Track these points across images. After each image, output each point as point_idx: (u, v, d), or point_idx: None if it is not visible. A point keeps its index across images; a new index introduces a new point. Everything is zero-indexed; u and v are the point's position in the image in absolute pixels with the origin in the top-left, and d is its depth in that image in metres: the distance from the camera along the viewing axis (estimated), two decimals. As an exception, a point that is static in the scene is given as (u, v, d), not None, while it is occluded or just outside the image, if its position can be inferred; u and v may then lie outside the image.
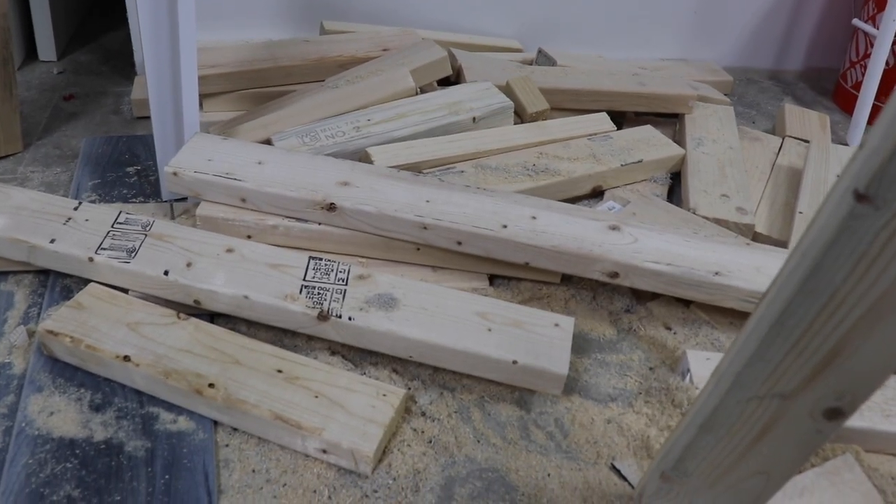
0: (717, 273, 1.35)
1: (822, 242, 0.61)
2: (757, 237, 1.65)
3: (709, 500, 0.90)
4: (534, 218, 1.41)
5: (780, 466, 0.80)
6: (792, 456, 0.79)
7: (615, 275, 1.36)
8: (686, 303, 1.47)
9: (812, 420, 0.73)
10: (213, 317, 1.31)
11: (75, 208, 1.38)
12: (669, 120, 2.11)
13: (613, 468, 1.15)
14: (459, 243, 1.39)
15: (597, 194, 1.77)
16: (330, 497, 1.06)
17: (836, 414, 0.71)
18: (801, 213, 1.66)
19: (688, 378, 1.28)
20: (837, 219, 0.59)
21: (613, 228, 1.41)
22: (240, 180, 1.41)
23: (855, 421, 1.17)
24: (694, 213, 1.64)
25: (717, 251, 1.40)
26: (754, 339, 0.71)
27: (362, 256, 1.46)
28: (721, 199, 1.69)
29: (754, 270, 1.37)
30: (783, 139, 2.06)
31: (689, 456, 0.87)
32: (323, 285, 1.27)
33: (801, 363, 0.69)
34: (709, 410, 0.81)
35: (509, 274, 1.48)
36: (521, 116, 1.88)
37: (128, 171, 1.72)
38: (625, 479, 1.13)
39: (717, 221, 1.62)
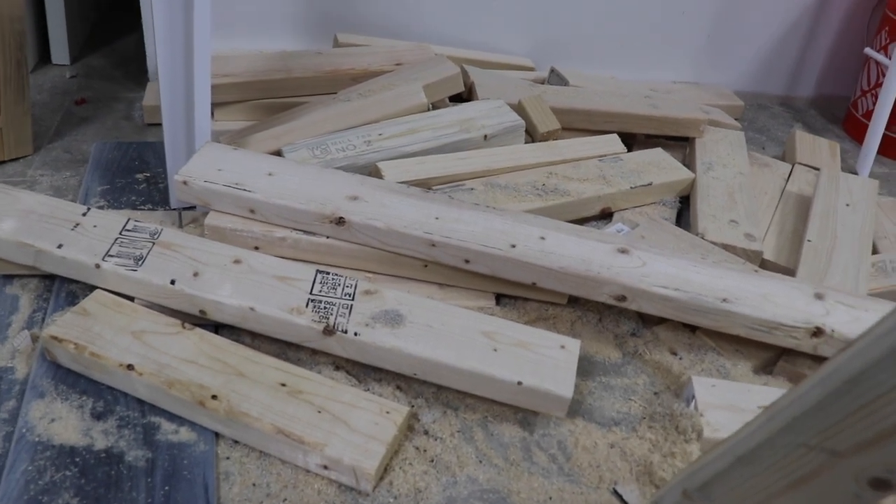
0: (724, 300, 1.34)
1: None
2: (765, 264, 1.64)
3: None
4: (542, 238, 1.41)
5: None
6: None
7: (622, 298, 1.36)
8: (692, 328, 1.46)
9: (856, 484, 0.70)
10: (217, 327, 1.31)
11: (84, 214, 1.38)
12: (680, 143, 2.10)
13: (615, 493, 1.14)
14: (467, 261, 1.39)
15: (605, 216, 1.76)
16: (330, 514, 1.05)
17: (883, 485, 0.68)
18: (809, 241, 1.65)
19: (692, 404, 1.27)
20: None
21: (622, 251, 1.41)
22: (249, 191, 1.41)
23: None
24: (702, 237, 1.63)
25: (725, 277, 1.39)
26: (822, 389, 0.68)
27: (369, 271, 1.45)
28: (730, 224, 1.69)
29: (762, 298, 1.36)
30: (793, 166, 2.06)
31: (717, 482, 0.86)
32: (329, 299, 1.26)
33: (863, 427, 0.65)
34: (752, 444, 0.78)
35: (516, 294, 1.47)
36: (532, 135, 1.88)
37: (137, 178, 1.72)
38: (626, 504, 1.12)
39: (726, 247, 1.61)
